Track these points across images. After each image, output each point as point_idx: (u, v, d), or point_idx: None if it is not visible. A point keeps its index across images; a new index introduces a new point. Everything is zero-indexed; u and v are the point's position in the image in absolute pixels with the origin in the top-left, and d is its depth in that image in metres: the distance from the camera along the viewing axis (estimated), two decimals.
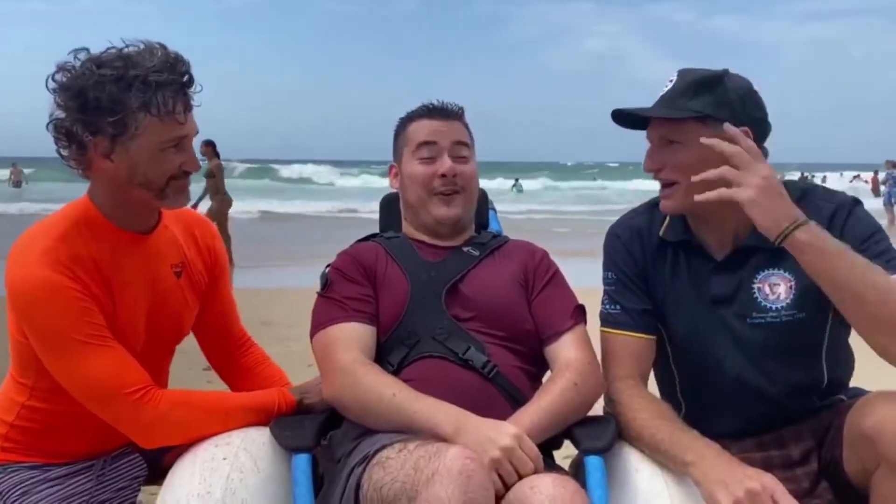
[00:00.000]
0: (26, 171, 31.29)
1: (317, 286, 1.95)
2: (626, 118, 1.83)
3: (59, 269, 1.66)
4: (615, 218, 2.04)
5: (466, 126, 2.06)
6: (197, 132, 1.79)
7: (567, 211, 23.36)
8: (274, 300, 5.59)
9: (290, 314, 1.97)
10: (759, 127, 1.77)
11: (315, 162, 52.64)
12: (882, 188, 20.79)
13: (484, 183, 2.17)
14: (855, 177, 42.31)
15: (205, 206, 10.45)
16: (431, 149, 1.98)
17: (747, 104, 1.76)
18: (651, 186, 1.85)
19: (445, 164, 1.96)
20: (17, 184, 28.27)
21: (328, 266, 1.97)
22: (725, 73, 1.78)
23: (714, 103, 1.73)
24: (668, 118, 1.76)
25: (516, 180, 38.42)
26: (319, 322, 1.86)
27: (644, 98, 1.84)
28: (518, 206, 22.07)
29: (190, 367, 2.12)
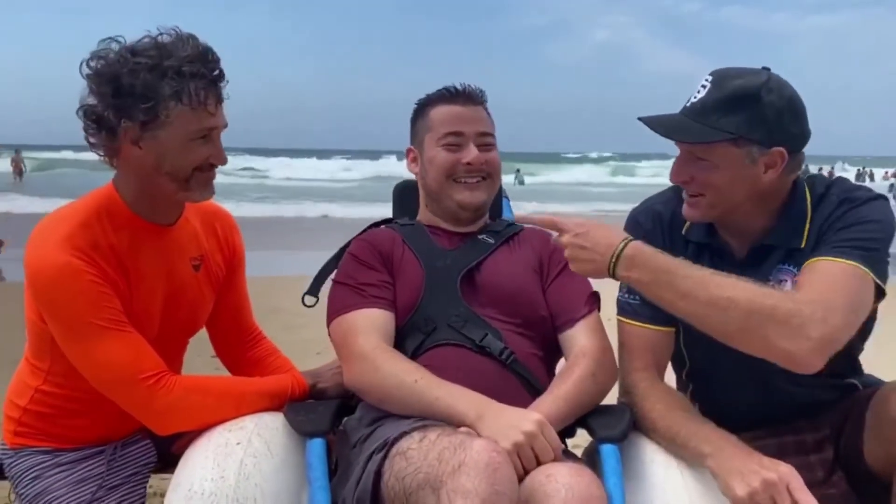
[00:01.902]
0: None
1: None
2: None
3: (77, 254, 1.68)
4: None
5: (488, 112, 2.05)
6: (226, 125, 1.80)
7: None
8: (283, 287, 5.58)
9: (299, 301, 1.96)
10: (794, 142, 1.70)
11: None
12: (893, 181, 20.73)
13: None
14: (862, 173, 41.02)
15: None
16: (457, 138, 1.97)
17: (784, 120, 1.67)
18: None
19: (472, 153, 1.96)
20: (20, 173, 28.17)
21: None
22: (765, 84, 1.67)
23: (748, 122, 1.65)
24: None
25: (517, 171, 35.00)
26: (337, 308, 1.86)
27: (654, 91, 1.81)
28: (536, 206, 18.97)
29: (199, 354, 2.13)
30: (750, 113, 1.65)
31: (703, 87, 1.70)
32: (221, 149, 1.80)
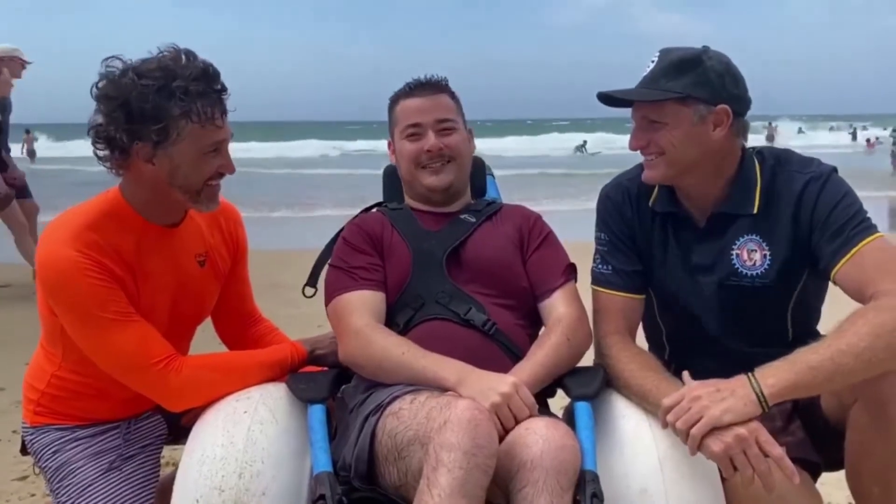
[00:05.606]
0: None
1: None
2: (612, 99, 1.91)
3: (82, 252, 1.77)
4: None
5: (452, 95, 2.17)
6: (232, 135, 1.88)
7: None
8: (283, 261, 5.63)
9: (300, 276, 2.04)
10: (736, 103, 1.86)
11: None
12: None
13: (488, 143, 2.23)
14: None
15: None
16: (417, 129, 2.10)
17: (726, 82, 1.84)
18: None
19: (430, 140, 2.09)
20: (31, 153, 27.91)
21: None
22: (704, 52, 1.86)
23: (693, 83, 1.81)
24: (651, 100, 1.85)
25: (584, 142, 33.66)
26: (332, 291, 2.00)
27: (646, 56, 1.89)
28: None
29: (203, 329, 2.23)
30: (694, 74, 1.83)
31: (652, 62, 1.88)
32: (230, 159, 1.89)
